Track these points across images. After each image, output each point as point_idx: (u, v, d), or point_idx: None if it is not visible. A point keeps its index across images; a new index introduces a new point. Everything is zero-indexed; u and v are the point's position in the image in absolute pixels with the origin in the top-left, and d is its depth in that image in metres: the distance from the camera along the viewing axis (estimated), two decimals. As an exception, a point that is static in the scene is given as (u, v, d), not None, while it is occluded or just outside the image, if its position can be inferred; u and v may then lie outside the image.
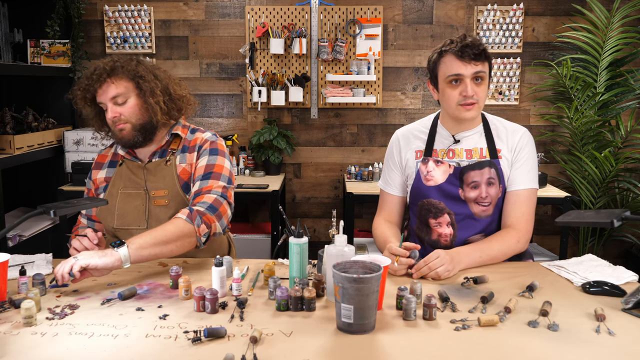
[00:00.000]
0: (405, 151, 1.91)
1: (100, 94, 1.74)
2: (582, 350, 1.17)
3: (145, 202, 1.79)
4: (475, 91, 1.72)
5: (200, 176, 1.78)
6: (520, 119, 3.69)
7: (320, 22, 3.61)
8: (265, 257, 3.39)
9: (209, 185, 1.75)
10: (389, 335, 1.23)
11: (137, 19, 3.63)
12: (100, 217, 1.84)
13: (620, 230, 3.60)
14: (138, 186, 1.81)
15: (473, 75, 1.71)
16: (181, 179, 1.80)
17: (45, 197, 3.40)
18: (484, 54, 1.72)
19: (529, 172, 1.81)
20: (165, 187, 1.79)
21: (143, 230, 1.75)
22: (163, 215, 1.77)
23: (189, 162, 1.82)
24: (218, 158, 1.81)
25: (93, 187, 1.90)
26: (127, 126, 1.76)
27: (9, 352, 1.16)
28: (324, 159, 3.80)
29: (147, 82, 1.76)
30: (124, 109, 1.75)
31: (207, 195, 1.73)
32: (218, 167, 1.79)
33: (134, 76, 1.76)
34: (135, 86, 1.76)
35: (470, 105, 1.73)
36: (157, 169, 1.81)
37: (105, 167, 1.90)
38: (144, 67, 1.79)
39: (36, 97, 3.53)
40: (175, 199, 1.78)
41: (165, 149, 1.85)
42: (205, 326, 1.25)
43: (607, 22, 3.38)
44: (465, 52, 1.69)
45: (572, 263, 1.71)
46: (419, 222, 1.89)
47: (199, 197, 1.73)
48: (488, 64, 1.76)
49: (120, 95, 1.74)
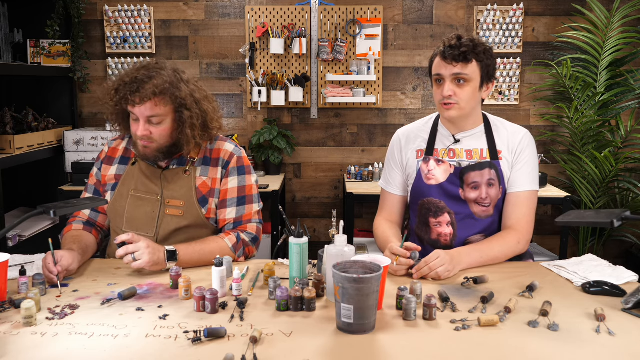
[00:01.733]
0: (406, 150, 1.92)
1: (138, 108, 1.65)
2: (582, 350, 1.17)
3: (158, 209, 1.76)
4: (455, 92, 1.74)
5: (235, 200, 1.79)
6: (520, 119, 3.69)
7: (320, 22, 3.61)
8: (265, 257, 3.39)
9: (248, 214, 1.81)
10: (389, 335, 1.23)
11: (137, 19, 3.63)
12: (110, 215, 1.83)
13: (620, 230, 3.60)
14: (151, 192, 1.78)
15: (452, 77, 1.73)
16: (199, 192, 1.77)
17: (45, 197, 3.40)
18: (463, 56, 1.70)
19: (529, 174, 1.81)
20: (181, 197, 1.76)
21: (151, 237, 1.75)
22: (174, 225, 1.75)
23: (210, 176, 1.79)
24: (246, 178, 1.82)
25: (99, 182, 1.86)
26: (153, 146, 1.70)
27: (9, 352, 1.16)
28: (324, 159, 3.80)
29: (189, 112, 1.69)
30: (156, 129, 1.68)
31: (250, 225, 1.80)
32: (249, 189, 1.82)
33: (177, 103, 1.68)
34: (175, 111, 1.69)
35: (449, 105, 1.75)
36: (175, 177, 1.78)
37: (116, 164, 1.85)
38: (188, 92, 1.69)
39: (36, 97, 3.53)
40: (190, 211, 1.76)
41: (184, 156, 1.80)
42: (205, 326, 1.25)
43: (607, 22, 3.38)
44: (447, 53, 1.72)
45: (572, 263, 1.72)
46: (419, 222, 1.89)
47: (242, 226, 1.79)
48: (479, 65, 1.74)
49: (157, 117, 1.67)
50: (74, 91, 3.59)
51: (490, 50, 1.78)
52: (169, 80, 1.66)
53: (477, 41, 1.74)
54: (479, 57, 1.73)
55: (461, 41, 1.72)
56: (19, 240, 2.97)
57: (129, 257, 1.55)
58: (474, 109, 1.80)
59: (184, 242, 1.73)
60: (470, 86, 1.74)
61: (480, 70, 1.74)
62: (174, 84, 1.67)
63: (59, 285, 1.51)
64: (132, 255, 1.55)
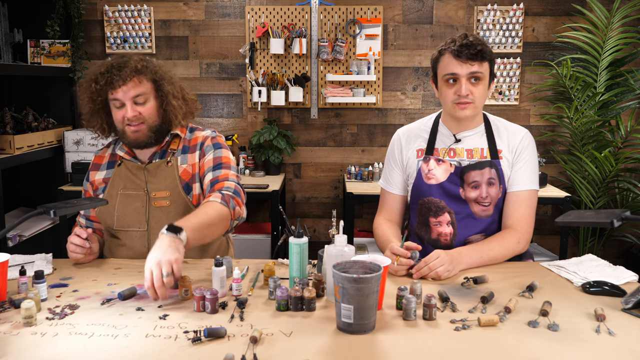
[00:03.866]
0: (407, 150, 1.92)
1: (122, 91, 1.70)
2: (582, 350, 1.17)
3: (146, 204, 1.79)
4: (471, 91, 1.73)
5: (212, 167, 1.80)
6: (520, 119, 3.69)
7: (320, 22, 3.61)
8: (265, 257, 3.39)
9: (224, 174, 1.78)
10: (389, 335, 1.23)
11: (137, 19, 3.63)
12: (100, 217, 1.84)
13: (620, 230, 3.60)
14: (138, 187, 1.81)
15: (469, 75, 1.73)
16: (182, 180, 1.80)
17: (45, 197, 3.40)
18: (480, 54, 1.71)
19: (529, 174, 1.81)
20: (166, 188, 1.79)
21: (143, 232, 1.76)
22: (164, 217, 1.77)
23: (190, 162, 1.82)
24: (223, 151, 1.84)
25: (91, 189, 1.89)
26: (143, 127, 1.74)
27: (9, 352, 1.15)
28: (324, 159, 3.80)
29: (169, 85, 1.76)
30: (143, 109, 1.73)
31: (227, 182, 1.76)
32: (225, 159, 1.83)
33: (155, 78, 1.75)
34: (155, 88, 1.75)
35: (465, 104, 1.75)
36: (158, 170, 1.81)
37: (104, 169, 1.88)
38: (160, 68, 1.79)
39: (36, 97, 3.53)
40: (177, 200, 1.79)
41: (165, 149, 1.84)
42: (205, 326, 1.25)
43: (607, 22, 3.38)
44: (462, 52, 1.71)
45: (572, 263, 1.72)
46: (419, 221, 1.89)
47: (219, 184, 1.75)
48: (489, 64, 1.76)
49: (142, 95, 1.72)
50: (74, 91, 3.59)
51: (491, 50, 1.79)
52: (142, 60, 1.75)
53: (481, 40, 1.75)
54: (489, 56, 1.75)
55: (472, 40, 1.73)
56: (19, 240, 2.97)
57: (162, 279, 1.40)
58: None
59: None
60: (483, 84, 1.76)
61: (490, 68, 1.77)
62: (148, 62, 1.76)
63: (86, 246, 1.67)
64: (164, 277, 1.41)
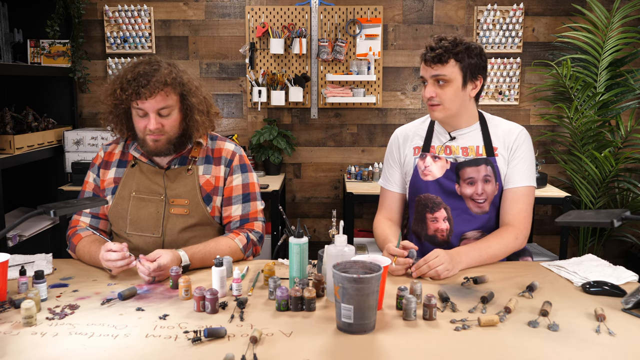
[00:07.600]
0: (404, 148, 1.94)
1: (148, 102, 1.65)
2: (582, 350, 1.17)
3: (163, 209, 1.76)
4: (437, 93, 1.77)
5: (240, 198, 1.82)
6: (520, 119, 3.69)
7: (320, 22, 3.61)
8: (265, 257, 3.39)
9: (254, 211, 1.83)
10: (389, 335, 1.24)
11: (137, 19, 3.63)
12: (112, 219, 1.81)
13: (620, 230, 3.60)
14: (154, 192, 1.77)
15: (433, 79, 1.77)
16: (204, 190, 1.78)
17: (45, 197, 3.40)
18: (439, 58, 1.72)
19: (526, 170, 1.82)
20: (186, 196, 1.76)
21: (158, 238, 1.75)
22: (180, 224, 1.75)
23: (213, 174, 1.80)
24: (249, 176, 1.85)
25: (98, 186, 1.84)
26: (163, 138, 1.71)
27: (9, 352, 1.16)
28: (324, 159, 3.80)
29: (195, 98, 1.73)
30: (167, 121, 1.70)
31: (256, 223, 1.82)
32: (252, 186, 1.85)
33: (183, 91, 1.71)
34: (181, 101, 1.72)
35: (433, 106, 1.80)
36: (178, 176, 1.78)
37: (114, 167, 1.84)
38: (189, 79, 1.74)
39: (36, 97, 3.53)
40: (196, 210, 1.77)
41: (185, 156, 1.80)
42: (205, 326, 1.25)
43: (607, 22, 3.38)
44: (427, 55, 1.77)
45: (572, 263, 1.72)
46: (416, 218, 1.91)
47: (249, 224, 1.81)
48: (459, 66, 1.74)
49: (167, 108, 1.68)
50: (74, 91, 3.59)
51: (475, 49, 1.76)
52: (171, 71, 1.69)
53: (458, 41, 1.74)
54: (457, 57, 1.74)
55: (440, 43, 1.74)
56: (19, 240, 2.97)
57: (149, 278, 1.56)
58: (462, 107, 1.81)
59: (189, 240, 1.74)
60: (452, 86, 1.76)
61: (460, 69, 1.75)
62: (177, 74, 1.71)
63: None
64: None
